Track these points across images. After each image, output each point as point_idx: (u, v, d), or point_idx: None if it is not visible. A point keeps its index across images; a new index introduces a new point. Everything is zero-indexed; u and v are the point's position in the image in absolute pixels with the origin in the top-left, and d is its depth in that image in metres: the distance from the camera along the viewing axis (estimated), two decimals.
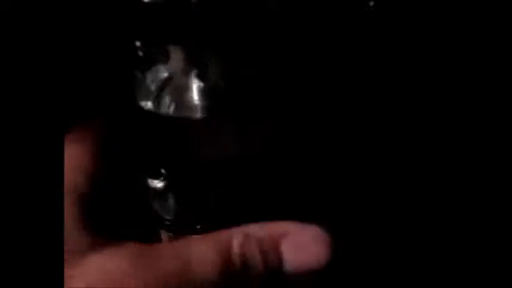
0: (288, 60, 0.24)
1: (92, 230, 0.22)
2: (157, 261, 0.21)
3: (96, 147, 0.24)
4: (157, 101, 0.23)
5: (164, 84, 0.24)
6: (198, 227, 0.25)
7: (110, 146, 0.25)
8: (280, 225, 0.22)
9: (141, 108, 0.24)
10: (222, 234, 0.22)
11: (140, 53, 0.23)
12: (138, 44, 0.23)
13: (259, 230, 0.22)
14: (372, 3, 0.27)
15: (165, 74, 0.24)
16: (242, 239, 0.22)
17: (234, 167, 0.24)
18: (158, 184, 0.26)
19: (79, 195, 0.22)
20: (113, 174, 0.24)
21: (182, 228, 0.25)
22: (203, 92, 0.23)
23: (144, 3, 0.20)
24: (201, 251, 0.21)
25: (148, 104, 0.24)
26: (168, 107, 0.23)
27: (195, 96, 0.23)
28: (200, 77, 0.23)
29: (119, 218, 0.25)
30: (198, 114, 0.23)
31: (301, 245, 0.22)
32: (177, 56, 0.23)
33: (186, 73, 0.23)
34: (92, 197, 0.23)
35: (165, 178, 0.25)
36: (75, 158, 0.23)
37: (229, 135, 0.24)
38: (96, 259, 0.21)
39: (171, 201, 0.25)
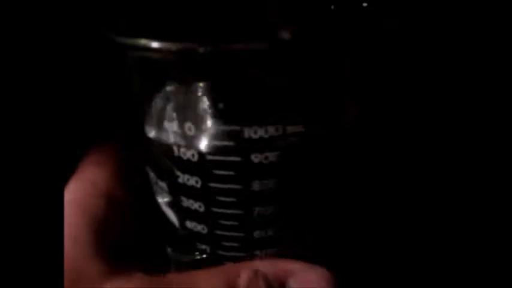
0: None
1: (107, 259, 0.23)
2: None
3: (119, 171, 0.24)
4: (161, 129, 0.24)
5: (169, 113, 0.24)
6: (203, 247, 0.26)
7: (129, 169, 0.25)
8: (288, 264, 0.23)
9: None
10: (231, 268, 0.23)
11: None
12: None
13: (267, 267, 0.22)
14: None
15: (172, 104, 0.24)
16: (250, 274, 0.22)
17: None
18: (164, 199, 0.26)
19: (98, 222, 0.23)
20: (133, 198, 0.25)
21: (187, 248, 0.26)
22: (210, 122, 0.24)
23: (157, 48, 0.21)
24: (209, 283, 0.22)
25: (153, 133, 0.24)
26: (172, 135, 0.24)
27: (204, 125, 0.24)
28: (208, 107, 0.23)
29: (132, 239, 0.25)
30: (205, 145, 0.24)
31: (307, 284, 0.22)
32: (186, 89, 0.24)
33: (194, 102, 0.24)
34: (111, 224, 0.24)
35: (169, 195, 0.26)
36: (97, 182, 0.24)
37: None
38: None
39: (174, 220, 0.26)
